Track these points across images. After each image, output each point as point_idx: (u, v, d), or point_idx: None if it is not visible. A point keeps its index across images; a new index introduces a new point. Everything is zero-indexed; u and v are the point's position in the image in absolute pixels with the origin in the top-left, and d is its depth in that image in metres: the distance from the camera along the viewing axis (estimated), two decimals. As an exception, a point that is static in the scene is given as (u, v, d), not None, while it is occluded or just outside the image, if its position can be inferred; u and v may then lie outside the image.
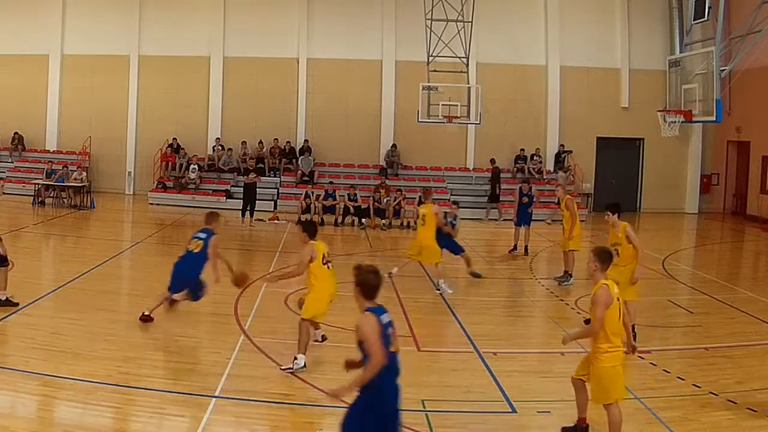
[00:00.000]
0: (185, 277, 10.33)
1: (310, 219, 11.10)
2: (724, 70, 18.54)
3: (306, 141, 27.40)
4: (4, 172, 27.02)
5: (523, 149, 27.62)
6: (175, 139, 27.31)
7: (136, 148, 28.15)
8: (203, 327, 10.94)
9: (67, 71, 28.19)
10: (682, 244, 22.63)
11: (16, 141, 27.82)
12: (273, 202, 25.43)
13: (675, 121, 19.97)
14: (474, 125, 26.38)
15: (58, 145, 28.17)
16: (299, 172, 26.56)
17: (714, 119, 18.84)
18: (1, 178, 12.34)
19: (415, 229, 22.00)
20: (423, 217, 13.59)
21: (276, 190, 26.23)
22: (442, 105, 24.28)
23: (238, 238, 19.97)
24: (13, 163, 27.53)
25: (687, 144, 28.04)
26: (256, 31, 27.79)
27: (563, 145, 27.86)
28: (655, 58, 26.73)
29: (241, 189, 23.46)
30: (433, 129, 25.81)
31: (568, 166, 27.43)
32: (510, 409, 7.81)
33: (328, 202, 23.05)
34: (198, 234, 10.60)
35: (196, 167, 26.31)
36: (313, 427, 7.35)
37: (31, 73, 28.02)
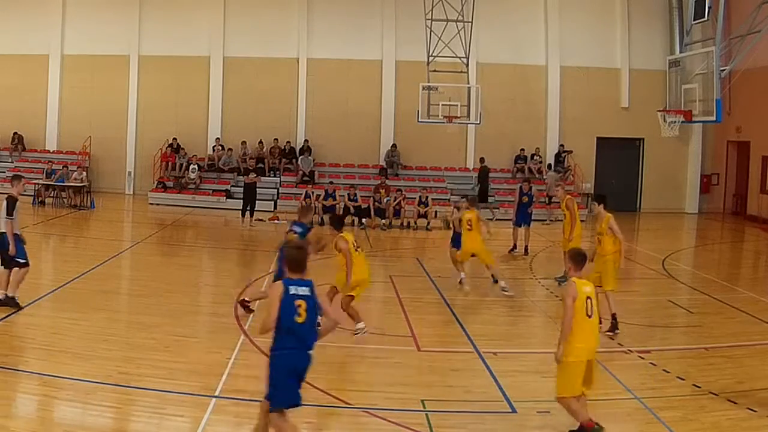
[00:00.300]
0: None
1: (337, 214, 11.79)
2: (724, 70, 18.53)
3: (306, 141, 27.40)
4: (4, 172, 27.00)
5: (523, 149, 27.62)
6: (175, 139, 27.31)
7: (136, 148, 28.14)
8: (203, 327, 10.94)
9: (67, 71, 28.18)
10: (682, 244, 22.63)
11: (16, 141, 27.82)
12: (273, 202, 25.43)
13: (675, 121, 19.97)
14: (474, 125, 26.37)
15: (58, 145, 28.16)
16: (299, 172, 26.56)
17: (714, 119, 18.83)
18: (21, 176, 12.33)
19: (415, 229, 22.28)
20: (469, 222, 13.33)
21: (276, 190, 26.22)
22: (442, 105, 24.27)
23: (238, 238, 19.97)
24: (13, 163, 27.50)
25: (687, 144, 28.03)
26: (256, 31, 27.79)
27: (563, 145, 27.85)
28: (655, 58, 26.72)
29: (241, 189, 23.46)
30: (433, 129, 25.79)
31: (567, 167, 27.43)
32: (510, 409, 7.81)
33: (328, 202, 23.05)
34: (293, 227, 10.89)
35: (196, 167, 26.30)
36: (313, 427, 7.35)
37: (31, 73, 28.00)
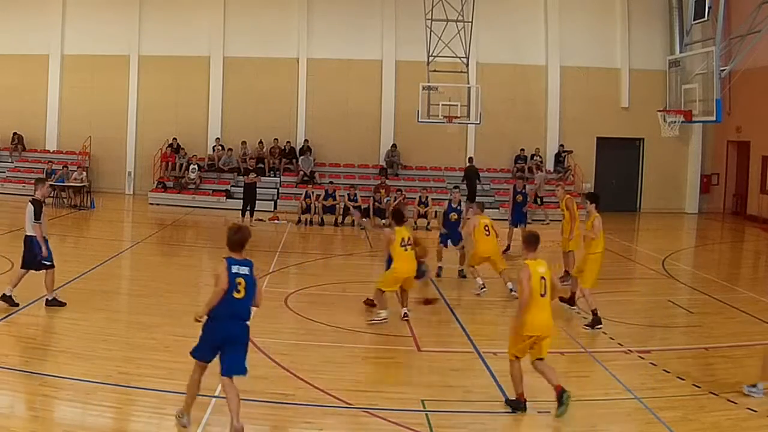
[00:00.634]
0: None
1: (398, 208, 12.08)
2: (724, 70, 18.53)
3: (306, 141, 27.40)
4: (4, 172, 27.04)
5: (523, 149, 27.61)
6: (175, 139, 27.31)
7: (136, 148, 28.15)
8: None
9: (67, 71, 28.19)
10: (682, 244, 22.63)
11: (15, 141, 27.82)
12: (273, 202, 25.44)
13: (675, 121, 19.97)
14: (474, 125, 26.37)
15: (58, 145, 28.17)
16: (299, 172, 26.56)
17: (714, 119, 18.84)
18: (45, 179, 12.36)
19: (415, 229, 22.24)
20: (487, 228, 13.17)
21: (276, 190, 26.23)
22: (442, 105, 24.27)
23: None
24: (13, 163, 27.53)
25: (687, 144, 28.03)
26: (256, 31, 27.79)
27: (563, 145, 27.86)
28: (655, 58, 26.72)
29: (241, 189, 23.47)
30: (433, 129, 25.78)
31: (568, 167, 27.43)
32: (510, 409, 7.80)
33: (328, 202, 23.05)
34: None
35: (196, 167, 26.30)
36: (313, 427, 7.35)
37: (31, 73, 28.01)
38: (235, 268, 6.87)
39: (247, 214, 22.22)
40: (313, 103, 27.89)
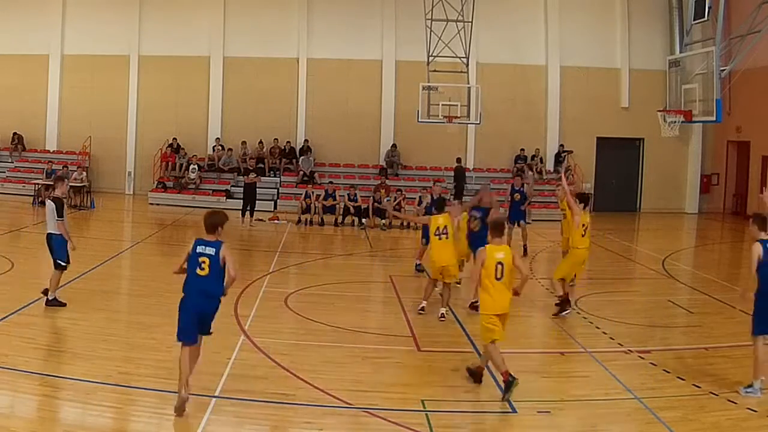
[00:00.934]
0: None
1: (441, 197, 12.32)
2: (724, 70, 18.53)
3: (306, 141, 27.40)
4: (4, 172, 27.04)
5: (523, 149, 27.62)
6: (175, 139, 27.31)
7: (136, 148, 28.16)
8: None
9: (67, 71, 28.19)
10: (682, 244, 22.63)
11: (15, 141, 27.82)
12: (273, 202, 25.44)
13: (675, 121, 19.97)
14: (474, 125, 26.38)
15: (58, 145, 28.18)
16: (299, 172, 26.56)
17: (714, 119, 18.84)
18: (65, 178, 12.42)
19: (416, 230, 22.20)
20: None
21: (276, 190, 26.23)
22: (442, 105, 24.28)
23: (238, 238, 19.96)
24: (13, 163, 27.53)
25: (687, 144, 28.04)
26: (256, 31, 27.80)
27: (563, 145, 27.86)
28: (655, 58, 26.73)
29: (241, 189, 23.47)
30: (433, 129, 25.79)
31: (568, 167, 27.40)
32: (510, 409, 7.81)
33: (328, 202, 23.04)
34: (473, 212, 12.52)
35: (196, 167, 26.31)
36: (313, 427, 7.35)
37: (31, 73, 28.02)
38: (200, 249, 7.53)
39: (247, 214, 22.23)
40: (313, 103, 27.89)
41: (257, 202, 22.81)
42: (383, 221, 22.54)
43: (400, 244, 20.30)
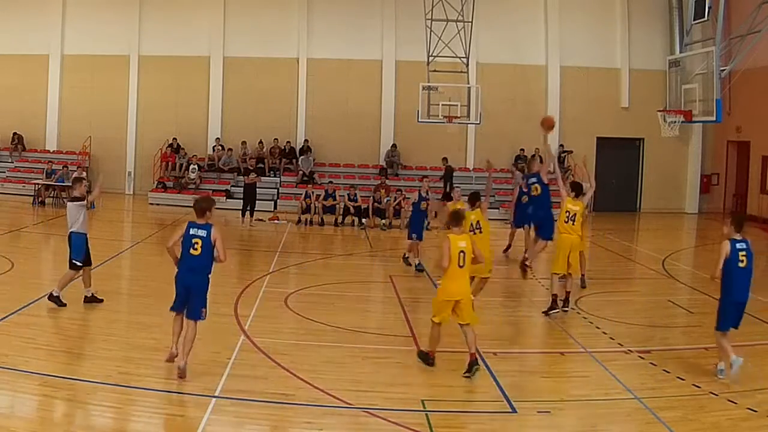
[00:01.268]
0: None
1: (476, 191, 12.49)
2: (724, 70, 18.53)
3: (306, 141, 27.40)
4: (4, 172, 27.04)
5: (523, 149, 27.61)
6: (175, 139, 27.31)
7: (136, 148, 28.15)
8: (203, 327, 10.89)
9: (67, 71, 28.18)
10: (682, 244, 22.62)
11: (16, 141, 27.82)
12: (273, 202, 25.44)
13: (675, 121, 19.97)
14: (474, 125, 26.38)
15: (58, 145, 28.17)
16: (299, 172, 26.56)
17: (714, 119, 18.84)
18: (82, 179, 12.55)
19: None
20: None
21: (276, 190, 26.23)
22: (442, 105, 24.27)
23: (238, 238, 19.97)
24: (13, 163, 27.53)
25: (687, 144, 28.03)
26: (256, 31, 27.79)
27: (563, 145, 27.84)
28: (655, 58, 26.72)
29: (241, 189, 23.47)
30: (433, 129, 25.78)
31: (568, 167, 27.39)
32: (510, 409, 7.80)
33: (328, 202, 23.04)
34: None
35: (196, 167, 26.31)
36: (313, 427, 7.35)
37: (31, 73, 28.00)
38: (193, 231, 8.46)
39: (247, 214, 22.23)
40: (313, 103, 27.88)
41: (257, 202, 22.81)
42: (383, 221, 22.54)
43: (400, 244, 20.27)
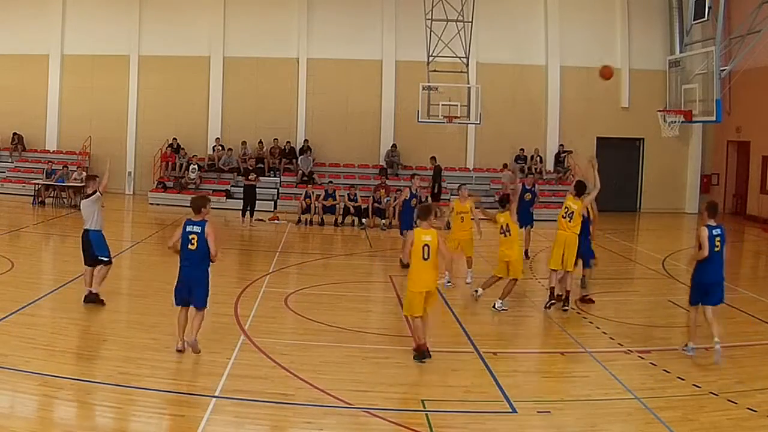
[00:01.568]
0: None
1: (505, 192, 12.67)
2: (724, 70, 18.54)
3: (306, 141, 27.40)
4: (4, 172, 27.04)
5: (522, 149, 27.62)
6: (175, 139, 27.31)
7: (136, 148, 28.14)
8: (203, 327, 10.92)
9: (67, 71, 28.18)
10: (682, 244, 22.58)
11: (16, 141, 27.81)
12: (273, 202, 25.43)
13: (675, 121, 19.97)
14: (474, 125, 26.38)
15: (58, 145, 28.16)
16: (299, 172, 26.56)
17: (714, 119, 18.84)
18: (96, 176, 12.58)
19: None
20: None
21: (276, 190, 26.23)
22: (442, 105, 24.28)
23: (238, 238, 19.98)
24: (13, 163, 27.53)
25: (687, 144, 28.03)
26: (256, 31, 27.79)
27: (563, 145, 27.86)
28: (655, 58, 26.73)
29: (241, 189, 23.47)
30: (433, 129, 25.80)
31: (567, 167, 27.41)
32: (510, 409, 7.81)
33: (328, 202, 23.03)
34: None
35: (196, 167, 26.30)
36: (313, 427, 7.35)
37: (31, 73, 28.00)
38: (189, 228, 9.04)
39: (248, 214, 22.23)
40: (313, 103, 27.88)
41: (257, 202, 22.81)
42: (383, 221, 22.54)
43: (399, 244, 20.28)
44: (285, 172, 27.02)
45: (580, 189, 12.62)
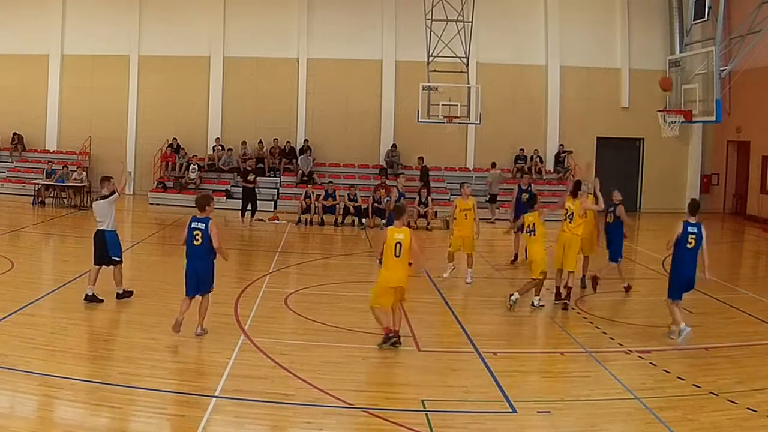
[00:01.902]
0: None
1: (534, 194, 13.37)
2: (724, 70, 18.51)
3: (306, 141, 27.40)
4: (4, 172, 27.04)
5: (522, 149, 27.62)
6: (175, 139, 27.30)
7: (136, 148, 28.13)
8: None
9: (67, 71, 28.18)
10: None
11: (16, 141, 27.81)
12: (273, 202, 25.43)
13: (675, 121, 19.94)
14: (474, 125, 26.37)
15: (58, 145, 28.16)
16: (299, 172, 26.56)
17: (714, 119, 18.82)
18: (111, 177, 12.72)
19: (415, 229, 22.23)
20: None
21: (276, 190, 26.22)
22: (442, 105, 24.26)
23: (238, 238, 19.98)
24: (13, 163, 27.53)
25: (687, 144, 28.03)
26: (256, 31, 27.79)
27: (563, 145, 27.87)
28: (655, 58, 26.70)
29: (241, 189, 23.47)
30: (433, 129, 25.79)
31: (567, 167, 27.40)
32: (510, 409, 7.80)
33: (328, 202, 23.03)
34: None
35: (196, 167, 26.30)
36: (313, 427, 7.35)
37: (31, 73, 28.00)
38: (194, 224, 9.66)
39: (248, 214, 22.23)
40: (313, 103, 27.88)
41: (258, 202, 22.80)
42: (383, 221, 22.50)
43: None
44: (285, 172, 27.01)
45: (576, 189, 12.83)
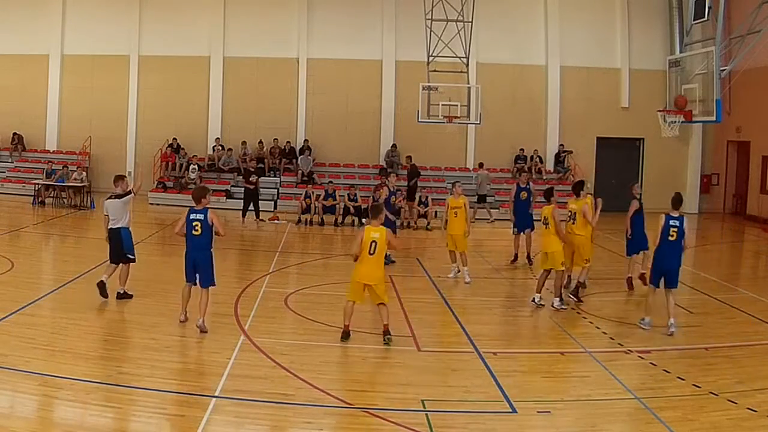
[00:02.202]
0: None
1: (551, 187, 13.17)
2: (724, 70, 18.51)
3: (306, 141, 27.40)
4: (4, 172, 27.04)
5: (522, 149, 27.63)
6: (175, 139, 27.31)
7: (136, 148, 28.13)
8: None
9: (67, 71, 28.18)
10: (682, 244, 22.57)
11: (16, 141, 27.82)
12: (273, 202, 25.43)
13: (675, 121, 19.93)
14: (474, 125, 26.38)
15: (58, 145, 28.17)
16: (299, 172, 26.56)
17: (714, 119, 18.81)
18: (124, 176, 12.86)
19: (415, 229, 22.24)
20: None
21: (276, 190, 26.23)
22: (442, 105, 24.27)
23: (238, 238, 19.98)
24: (13, 163, 27.53)
25: (687, 144, 28.04)
26: (256, 31, 27.80)
27: (563, 145, 27.87)
28: (655, 58, 26.73)
29: (241, 189, 23.48)
30: (433, 129, 25.80)
31: (567, 167, 27.40)
32: (510, 409, 7.81)
33: (328, 202, 23.03)
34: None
35: (196, 167, 26.30)
36: (313, 427, 7.35)
37: (31, 73, 28.01)
38: (192, 216, 10.05)
39: (251, 215, 22.26)
40: (313, 103, 27.88)
41: (259, 202, 22.81)
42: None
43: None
44: (285, 172, 27.02)
45: (576, 188, 12.76)
